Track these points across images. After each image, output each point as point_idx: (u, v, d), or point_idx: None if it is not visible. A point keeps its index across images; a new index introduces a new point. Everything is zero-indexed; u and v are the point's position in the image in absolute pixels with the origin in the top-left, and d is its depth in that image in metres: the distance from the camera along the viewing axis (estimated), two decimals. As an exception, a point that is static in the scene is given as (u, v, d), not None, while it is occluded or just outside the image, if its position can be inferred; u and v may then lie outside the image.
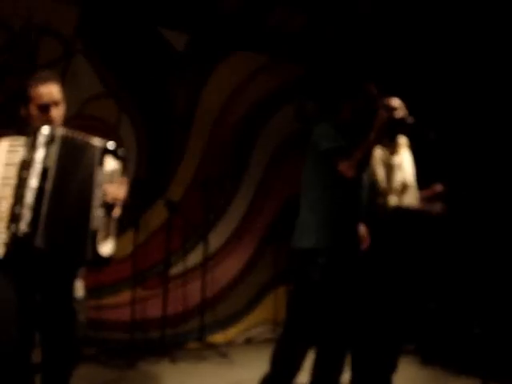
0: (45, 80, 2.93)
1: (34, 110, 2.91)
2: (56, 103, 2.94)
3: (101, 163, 2.94)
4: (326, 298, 3.43)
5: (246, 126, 6.22)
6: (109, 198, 2.93)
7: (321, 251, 3.41)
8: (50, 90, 2.92)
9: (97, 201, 2.89)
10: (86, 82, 5.29)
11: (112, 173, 2.99)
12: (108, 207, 2.93)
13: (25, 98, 2.93)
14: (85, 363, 4.64)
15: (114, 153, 3.01)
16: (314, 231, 3.46)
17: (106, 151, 2.97)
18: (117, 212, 3.00)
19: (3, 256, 2.70)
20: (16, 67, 3.02)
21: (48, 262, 2.83)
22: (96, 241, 2.87)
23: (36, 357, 2.96)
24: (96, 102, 5.38)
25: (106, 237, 2.93)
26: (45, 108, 2.91)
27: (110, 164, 2.98)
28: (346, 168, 3.38)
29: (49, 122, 2.90)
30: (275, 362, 3.53)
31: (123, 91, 5.52)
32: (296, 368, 3.51)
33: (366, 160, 3.41)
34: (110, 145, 3.00)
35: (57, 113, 2.94)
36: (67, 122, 4.80)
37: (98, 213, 2.89)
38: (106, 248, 2.93)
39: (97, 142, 2.96)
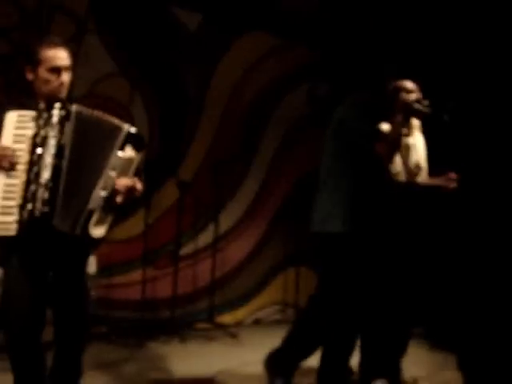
0: (56, 44, 2.88)
1: (43, 73, 2.84)
2: (66, 68, 2.87)
3: (121, 147, 2.86)
4: (353, 281, 3.44)
5: (257, 107, 6.19)
6: (118, 185, 2.86)
7: (349, 235, 3.41)
8: (62, 54, 2.86)
9: (103, 182, 2.83)
10: (98, 61, 5.27)
11: (129, 160, 2.91)
12: (113, 193, 2.85)
13: (33, 61, 2.85)
14: (95, 342, 4.67)
15: (136, 142, 2.92)
16: (339, 216, 3.45)
17: (129, 137, 2.89)
18: (119, 200, 2.88)
19: (16, 234, 2.68)
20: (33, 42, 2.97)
21: (60, 240, 2.80)
22: (89, 220, 2.79)
23: (47, 334, 2.97)
24: (108, 80, 5.37)
25: (100, 220, 2.85)
26: (56, 71, 2.84)
27: (129, 151, 2.90)
28: (383, 149, 3.40)
29: (60, 85, 2.85)
30: (293, 341, 3.55)
31: (135, 70, 5.50)
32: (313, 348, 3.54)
33: (398, 143, 3.44)
34: (136, 132, 2.92)
35: (67, 78, 2.88)
36: (79, 100, 4.88)
37: (100, 194, 2.81)
38: (97, 231, 2.84)
39: (125, 125, 2.90)
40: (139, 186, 2.95)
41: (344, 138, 3.52)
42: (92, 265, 3.09)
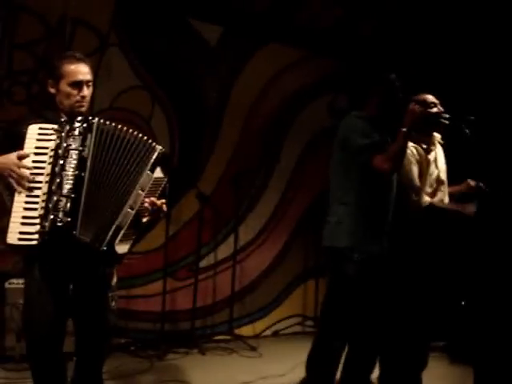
0: (78, 59, 2.93)
1: (65, 88, 2.89)
2: (88, 83, 2.92)
3: (152, 167, 2.88)
4: (360, 295, 3.42)
5: (277, 119, 6.21)
6: (145, 205, 2.89)
7: (355, 249, 3.40)
8: (83, 69, 2.91)
9: (132, 200, 2.85)
10: (120, 74, 5.32)
11: (158, 181, 2.93)
12: (140, 212, 2.88)
13: (55, 76, 2.91)
14: (115, 353, 4.69)
15: (166, 163, 2.95)
16: (348, 230, 3.46)
17: (160, 158, 2.91)
18: (145, 219, 2.93)
19: (38, 244, 2.69)
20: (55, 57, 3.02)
21: (82, 250, 2.82)
22: (116, 236, 2.82)
23: (68, 345, 2.99)
24: (129, 94, 5.41)
25: (125, 237, 2.87)
26: (77, 85, 2.88)
27: (158, 172, 2.92)
28: (381, 162, 3.36)
29: (82, 99, 2.89)
30: (313, 364, 3.54)
31: (156, 83, 5.54)
32: (334, 367, 3.51)
33: (401, 154, 3.39)
34: (166, 154, 2.95)
35: (88, 92, 2.92)
36: (99, 113, 4.93)
37: (129, 211, 2.84)
38: (122, 247, 2.86)
39: (157, 146, 2.91)
40: (164, 207, 2.98)
41: (345, 152, 3.54)
42: (112, 276, 3.12)
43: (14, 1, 4.89)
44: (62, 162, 2.75)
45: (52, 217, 2.69)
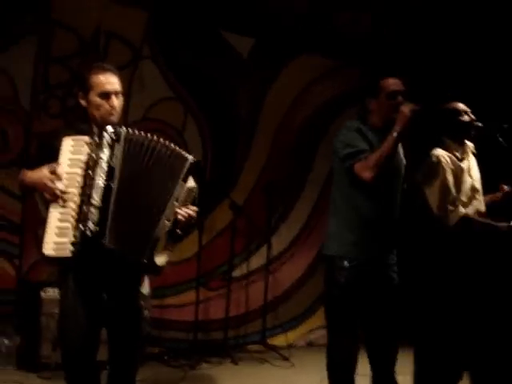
0: (105, 69, 2.95)
1: (94, 99, 2.91)
2: (116, 93, 2.93)
3: (185, 177, 2.91)
4: (354, 301, 3.41)
5: (309, 129, 6.21)
6: (180, 216, 2.90)
7: (345, 257, 3.39)
8: (112, 79, 2.93)
9: (168, 212, 2.87)
10: (153, 86, 5.39)
11: (190, 191, 2.94)
12: (176, 222, 2.90)
13: (85, 87, 2.93)
14: (148, 362, 4.73)
15: (198, 172, 2.96)
16: (336, 238, 3.45)
17: (193, 168, 2.93)
18: (180, 230, 2.94)
19: (72, 255, 2.73)
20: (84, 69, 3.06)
21: (114, 261, 2.85)
22: (155, 248, 2.86)
23: (102, 354, 3.02)
24: (162, 105, 5.48)
25: (163, 248, 2.90)
26: (106, 96, 2.90)
27: (191, 182, 2.93)
28: (360, 169, 3.28)
29: (111, 110, 2.91)
30: (330, 369, 3.53)
31: (189, 95, 5.59)
32: (351, 368, 3.49)
33: (386, 160, 3.27)
34: (198, 163, 2.96)
35: (118, 103, 2.94)
36: (133, 124, 4.99)
37: (165, 223, 2.87)
38: (161, 258, 2.89)
39: (189, 155, 2.94)
40: (196, 215, 3.00)
41: (334, 164, 3.52)
42: (145, 286, 3.14)
43: (50, 16, 4.99)
44: (92, 172, 2.78)
45: (82, 227, 2.73)
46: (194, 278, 5.43)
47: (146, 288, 3.41)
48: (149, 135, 2.90)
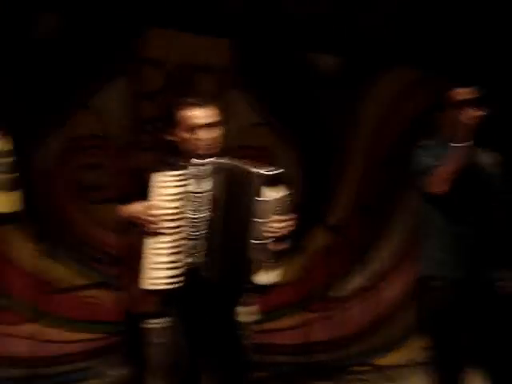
0: (192, 104, 3.05)
1: (183, 133, 3.01)
2: (204, 126, 3.00)
3: (258, 192, 2.92)
4: (447, 321, 3.29)
5: (402, 145, 6.07)
6: (267, 230, 2.91)
7: (433, 277, 3.28)
8: (198, 113, 3.01)
9: (253, 232, 2.89)
10: (242, 114, 5.44)
11: (273, 202, 2.94)
12: (265, 239, 2.91)
13: (173, 123, 3.04)
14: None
15: (273, 182, 2.96)
16: (424, 258, 3.39)
17: (264, 179, 2.94)
18: (277, 245, 2.95)
19: (171, 287, 2.81)
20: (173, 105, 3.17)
21: (214, 291, 2.90)
22: (251, 270, 2.89)
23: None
24: (252, 132, 5.51)
25: (262, 267, 2.92)
26: (192, 130, 2.99)
27: (271, 193, 2.94)
28: (429, 185, 3.24)
29: (199, 143, 2.98)
30: None
31: (278, 119, 5.61)
32: None
33: (452, 172, 3.18)
34: (268, 172, 2.96)
35: (205, 135, 3.00)
36: (225, 153, 5.05)
37: (253, 242, 2.89)
38: (262, 278, 2.92)
39: (254, 169, 2.96)
40: (286, 224, 2.97)
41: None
42: (252, 315, 3.16)
43: (137, 54, 5.17)
44: (186, 206, 2.85)
45: (182, 261, 2.80)
46: (294, 302, 5.40)
47: (253, 316, 3.44)
48: (235, 162, 2.96)
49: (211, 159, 2.94)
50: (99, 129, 5.13)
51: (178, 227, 2.84)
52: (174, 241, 2.83)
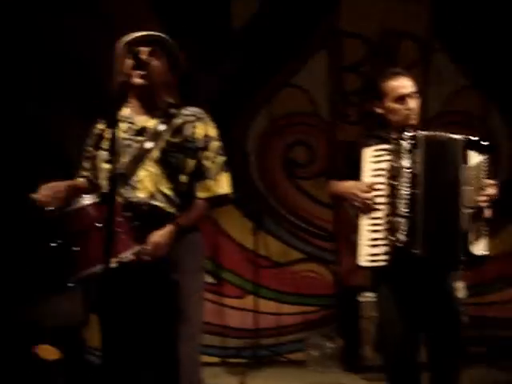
0: (397, 73, 3.00)
1: (390, 104, 2.96)
2: (411, 95, 2.95)
3: (464, 159, 2.82)
4: None
5: None
6: (479, 198, 2.80)
7: None
8: (405, 82, 2.96)
9: (464, 200, 2.79)
10: (448, 78, 5.22)
11: (477, 167, 2.84)
12: (476, 207, 2.80)
13: (379, 94, 3.00)
14: (471, 364, 4.54)
15: (476, 145, 2.85)
16: None
17: (467, 145, 2.84)
18: (487, 213, 2.84)
19: (385, 265, 2.79)
20: (376, 76, 3.14)
21: (425, 267, 2.84)
22: (467, 242, 2.78)
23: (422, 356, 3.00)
24: (461, 96, 5.27)
25: (476, 237, 2.80)
26: (402, 100, 2.93)
27: (475, 158, 2.83)
28: None
29: (409, 113, 2.93)
30: None
31: (489, 81, 5.29)
32: None
33: None
34: (471, 137, 2.86)
35: (414, 104, 2.95)
36: (432, 120, 4.89)
37: (465, 213, 2.78)
38: (478, 248, 2.80)
39: (457, 136, 2.86)
40: (495, 188, 2.86)
41: None
42: (461, 290, 3.06)
43: (336, 27, 5.18)
44: (395, 181, 2.80)
45: (392, 238, 2.76)
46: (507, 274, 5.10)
47: (460, 292, 3.34)
48: (442, 133, 2.87)
49: (422, 132, 2.86)
50: (304, 105, 5.22)
51: (389, 204, 2.80)
52: (385, 217, 2.80)
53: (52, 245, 2.30)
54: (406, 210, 2.76)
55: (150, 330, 2.51)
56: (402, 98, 2.93)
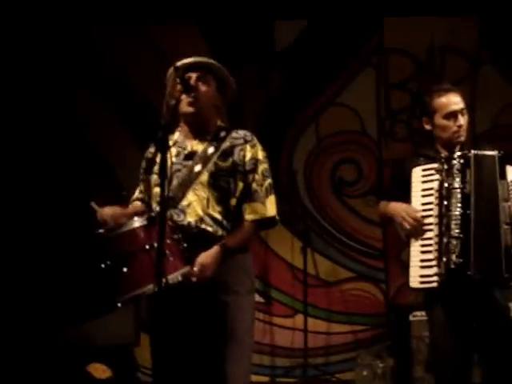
0: (446, 90, 2.96)
1: (440, 121, 2.92)
2: (461, 111, 2.92)
3: (502, 174, 2.79)
4: None
5: None
6: None
7: None
8: (454, 99, 2.92)
9: (502, 216, 2.75)
10: (498, 92, 5.15)
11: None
12: None
13: (428, 111, 2.96)
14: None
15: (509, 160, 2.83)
16: None
17: (504, 160, 2.80)
18: None
19: (437, 286, 2.76)
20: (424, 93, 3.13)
21: (477, 287, 2.80)
22: (510, 258, 2.73)
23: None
24: (510, 110, 5.19)
25: None
26: (452, 116, 2.90)
27: (510, 174, 2.81)
28: None
29: (458, 130, 2.90)
30: None
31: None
32: None
33: None
34: (506, 153, 2.82)
35: (464, 121, 2.92)
36: (483, 135, 4.82)
37: (505, 228, 2.74)
38: None
39: (493, 151, 2.82)
40: None
41: None
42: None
43: (382, 44, 5.17)
44: (446, 202, 2.77)
45: (445, 259, 2.73)
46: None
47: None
48: (490, 152, 2.82)
49: (471, 150, 2.82)
50: (352, 123, 5.21)
51: (440, 224, 2.76)
52: (436, 238, 2.76)
53: (102, 266, 2.35)
54: (458, 231, 2.73)
55: (199, 350, 2.53)
56: (452, 115, 2.90)
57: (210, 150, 2.62)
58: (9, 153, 4.76)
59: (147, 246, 2.31)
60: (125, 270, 2.32)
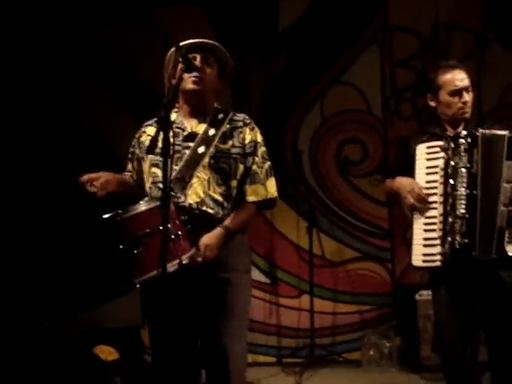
0: (452, 66, 2.93)
1: (445, 98, 2.90)
2: (466, 88, 2.89)
3: (510, 155, 2.75)
4: None
5: None
6: None
7: None
8: (460, 75, 2.90)
9: (503, 197, 2.72)
10: (504, 69, 5.09)
11: None
12: None
13: (433, 88, 2.94)
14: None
15: None
16: None
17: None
18: None
19: (441, 265, 2.75)
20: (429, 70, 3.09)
21: (482, 267, 2.77)
22: (503, 239, 2.71)
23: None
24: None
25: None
26: (457, 93, 2.88)
27: None
28: None
29: (463, 106, 2.88)
30: None
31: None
32: None
33: None
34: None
35: (469, 98, 2.90)
36: (489, 113, 4.78)
37: (502, 209, 2.72)
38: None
39: (503, 132, 2.78)
40: None
41: None
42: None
43: (387, 22, 5.12)
44: (452, 181, 2.75)
45: (450, 239, 2.72)
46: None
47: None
48: (501, 131, 2.78)
49: (479, 129, 2.79)
50: (356, 102, 5.17)
51: (444, 203, 2.75)
52: (440, 217, 2.75)
53: (120, 247, 2.35)
54: (464, 211, 2.71)
55: (200, 326, 2.55)
56: (457, 92, 2.87)
57: (211, 131, 2.60)
58: (8, 144, 4.74)
59: (161, 227, 2.31)
60: (137, 251, 2.32)
